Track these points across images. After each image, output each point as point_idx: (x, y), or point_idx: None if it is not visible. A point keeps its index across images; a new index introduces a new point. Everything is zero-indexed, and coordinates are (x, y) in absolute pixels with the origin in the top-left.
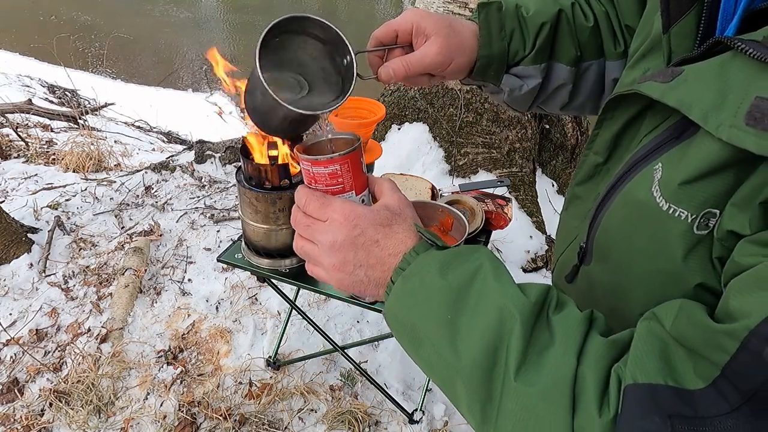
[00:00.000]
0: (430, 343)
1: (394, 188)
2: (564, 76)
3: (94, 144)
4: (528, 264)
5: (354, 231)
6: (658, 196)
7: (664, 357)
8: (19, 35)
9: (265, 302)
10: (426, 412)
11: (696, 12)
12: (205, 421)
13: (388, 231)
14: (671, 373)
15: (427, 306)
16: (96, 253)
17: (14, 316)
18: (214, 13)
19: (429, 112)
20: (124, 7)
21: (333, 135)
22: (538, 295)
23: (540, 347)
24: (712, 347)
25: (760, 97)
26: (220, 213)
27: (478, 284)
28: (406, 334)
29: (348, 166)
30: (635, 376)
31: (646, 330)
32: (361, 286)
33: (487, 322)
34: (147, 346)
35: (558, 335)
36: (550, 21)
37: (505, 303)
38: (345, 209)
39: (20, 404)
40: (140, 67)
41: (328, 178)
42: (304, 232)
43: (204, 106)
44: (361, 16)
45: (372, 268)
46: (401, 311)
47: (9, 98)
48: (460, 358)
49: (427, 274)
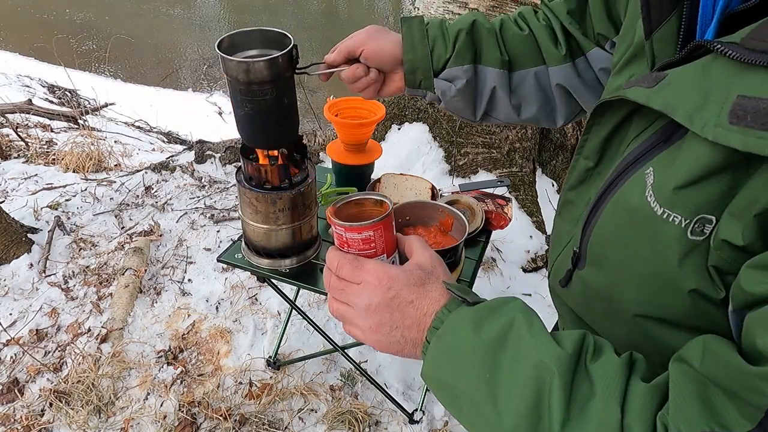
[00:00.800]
0: (470, 403)
1: (425, 246)
2: (493, 79)
3: (94, 144)
4: (528, 264)
5: (389, 293)
6: (653, 201)
7: (704, 401)
8: (18, 35)
9: (265, 302)
10: (426, 412)
11: (676, 17)
12: (206, 421)
13: (422, 291)
14: (715, 418)
15: (463, 365)
16: (96, 253)
17: (14, 316)
18: (215, 13)
19: (429, 112)
20: (124, 7)
21: (361, 196)
22: (573, 345)
23: (582, 400)
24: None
25: (741, 95)
26: (220, 213)
27: (512, 340)
28: (445, 394)
29: (381, 231)
30: (678, 426)
31: (680, 373)
32: (399, 347)
33: (526, 380)
34: (147, 346)
35: (599, 386)
36: (465, 27)
37: (541, 358)
38: (378, 272)
39: (20, 404)
40: (140, 67)
41: (361, 243)
42: (339, 296)
43: (204, 106)
44: (361, 16)
45: (408, 329)
46: (437, 371)
47: (9, 98)
48: (503, 418)
49: (460, 332)
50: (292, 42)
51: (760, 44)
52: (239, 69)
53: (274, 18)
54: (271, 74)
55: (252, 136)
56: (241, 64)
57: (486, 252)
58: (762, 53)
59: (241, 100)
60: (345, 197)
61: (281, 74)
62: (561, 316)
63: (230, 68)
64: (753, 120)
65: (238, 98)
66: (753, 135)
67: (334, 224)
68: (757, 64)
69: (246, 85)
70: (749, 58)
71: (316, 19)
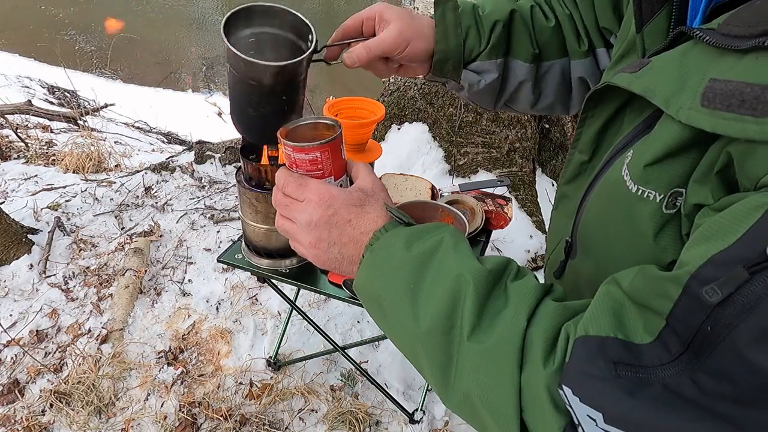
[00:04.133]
0: (394, 312)
1: (369, 172)
2: (523, 73)
3: (93, 145)
4: (528, 264)
5: (328, 211)
6: (628, 179)
7: (617, 315)
8: (18, 36)
9: (265, 302)
10: (427, 412)
11: (666, 11)
12: (206, 422)
13: (360, 211)
14: (621, 329)
15: (392, 277)
16: (96, 253)
17: (14, 317)
18: (214, 13)
19: (429, 112)
20: (124, 8)
21: (314, 119)
22: (495, 264)
23: (494, 311)
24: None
25: (713, 78)
26: (220, 213)
27: (438, 255)
28: (373, 305)
29: (328, 153)
30: (587, 330)
31: (604, 292)
32: (336, 263)
33: (444, 290)
34: (147, 346)
35: (512, 300)
36: (503, 19)
37: (461, 271)
38: (320, 190)
39: (21, 405)
40: (140, 68)
41: (309, 164)
42: (284, 212)
43: (204, 107)
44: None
45: (345, 246)
46: (368, 283)
47: (9, 99)
48: (420, 324)
49: (392, 248)
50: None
51: (734, 29)
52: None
53: None
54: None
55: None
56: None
57: (486, 252)
58: (735, 38)
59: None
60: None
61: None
62: None
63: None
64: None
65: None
66: (720, 117)
67: (283, 144)
68: (730, 49)
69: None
70: (723, 43)
71: (315, 18)
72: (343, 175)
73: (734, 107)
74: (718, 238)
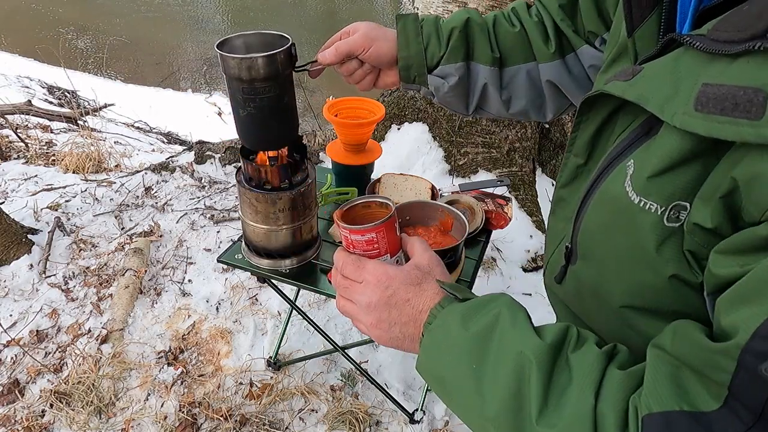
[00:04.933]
0: (459, 393)
1: (425, 248)
2: (485, 76)
3: (93, 145)
4: (528, 264)
5: (386, 292)
6: (630, 190)
7: (676, 382)
8: (18, 36)
9: (265, 303)
10: (427, 411)
11: (656, 15)
12: (206, 422)
13: (418, 290)
14: (685, 398)
15: (451, 357)
16: (96, 254)
17: (14, 317)
18: (214, 13)
19: (428, 112)
20: (124, 8)
21: (367, 198)
22: (554, 336)
23: (560, 388)
24: (712, 368)
25: (706, 83)
26: (220, 214)
27: (497, 333)
28: (437, 384)
29: (383, 233)
30: (650, 406)
31: (654, 357)
32: (398, 342)
33: (507, 370)
34: (147, 346)
35: (576, 374)
36: (459, 26)
37: (521, 349)
38: (378, 272)
39: (21, 405)
40: (139, 68)
41: (365, 244)
42: (344, 293)
43: (204, 107)
44: (361, 16)
45: (405, 326)
46: (430, 363)
47: (9, 99)
48: (487, 407)
49: (450, 327)
50: (290, 41)
51: (723, 34)
52: (241, 66)
53: (274, 18)
54: (273, 70)
55: (254, 138)
56: (243, 61)
57: (486, 252)
58: (724, 43)
59: (243, 99)
60: (352, 200)
61: (282, 71)
62: (556, 313)
63: (232, 67)
64: (714, 106)
65: (240, 98)
66: (714, 120)
67: (339, 227)
68: (720, 53)
69: (248, 83)
70: (714, 48)
71: (316, 18)
72: (399, 251)
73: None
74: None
